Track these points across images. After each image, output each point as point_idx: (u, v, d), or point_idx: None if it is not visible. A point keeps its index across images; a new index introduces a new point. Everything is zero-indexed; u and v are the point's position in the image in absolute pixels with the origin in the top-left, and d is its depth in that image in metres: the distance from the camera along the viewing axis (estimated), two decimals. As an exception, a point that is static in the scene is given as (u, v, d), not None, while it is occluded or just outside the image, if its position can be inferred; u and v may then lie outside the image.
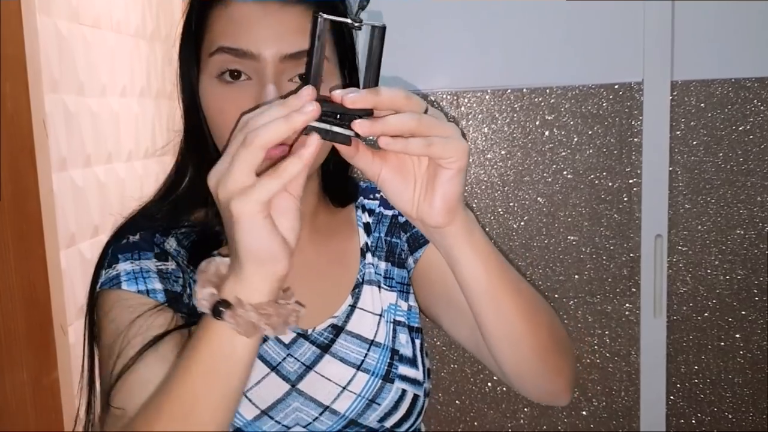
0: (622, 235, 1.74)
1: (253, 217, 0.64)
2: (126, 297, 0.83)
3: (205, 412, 0.71)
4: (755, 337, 1.74)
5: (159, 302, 0.83)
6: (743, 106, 1.68)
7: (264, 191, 0.63)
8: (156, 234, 0.90)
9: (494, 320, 0.79)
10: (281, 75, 0.81)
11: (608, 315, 1.76)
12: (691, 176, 1.72)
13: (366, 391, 0.90)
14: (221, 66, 0.82)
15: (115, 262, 0.86)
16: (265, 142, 0.63)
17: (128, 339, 0.79)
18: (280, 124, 0.63)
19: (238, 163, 0.63)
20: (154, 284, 0.85)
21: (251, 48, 0.81)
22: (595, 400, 1.79)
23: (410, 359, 0.95)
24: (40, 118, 1.61)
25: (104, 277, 0.85)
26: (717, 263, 1.73)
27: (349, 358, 0.91)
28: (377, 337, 0.94)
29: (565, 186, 1.74)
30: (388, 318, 0.96)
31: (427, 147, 0.66)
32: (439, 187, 0.70)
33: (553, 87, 1.72)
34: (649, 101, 1.69)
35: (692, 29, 1.67)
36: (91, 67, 1.91)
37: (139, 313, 0.81)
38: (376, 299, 0.96)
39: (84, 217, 1.79)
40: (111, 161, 1.96)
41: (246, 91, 0.81)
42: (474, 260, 0.75)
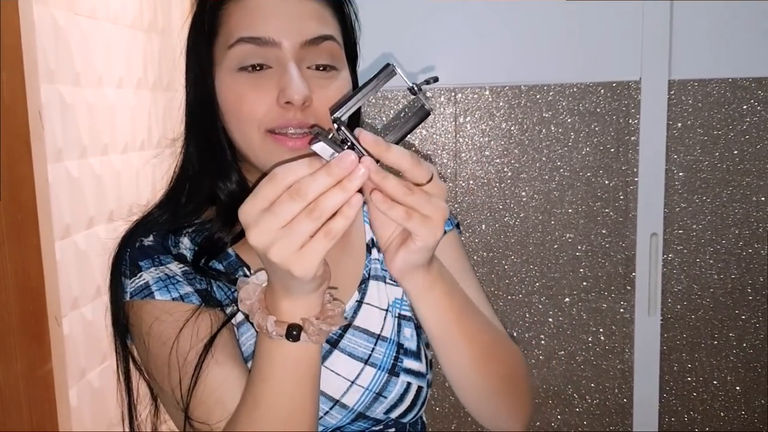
0: (618, 233, 1.75)
1: (316, 271, 0.67)
2: (163, 308, 0.84)
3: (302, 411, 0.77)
4: (749, 336, 1.75)
5: (196, 305, 0.84)
6: (740, 105, 1.69)
7: (318, 254, 0.65)
8: (169, 234, 0.90)
9: (447, 365, 0.86)
10: (301, 62, 0.84)
11: (603, 312, 1.77)
12: (687, 175, 1.72)
13: (373, 384, 0.92)
14: (242, 59, 0.84)
15: (138, 270, 0.86)
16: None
17: (183, 355, 0.81)
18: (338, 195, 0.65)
19: (296, 235, 0.65)
20: (185, 288, 0.85)
21: (272, 35, 0.83)
22: (588, 397, 1.79)
23: (414, 352, 0.96)
24: (35, 108, 1.60)
25: (132, 287, 0.85)
26: (712, 262, 1.74)
27: (357, 352, 0.93)
28: (384, 331, 0.95)
29: (561, 183, 1.75)
30: (393, 312, 0.97)
31: (405, 219, 0.69)
32: (403, 250, 0.74)
33: (551, 84, 1.72)
34: (647, 100, 1.70)
35: (690, 29, 1.68)
36: (88, 58, 1.90)
37: (182, 324, 0.82)
38: (383, 294, 0.98)
39: (79, 209, 1.78)
40: (107, 153, 1.95)
41: (268, 80, 0.83)
42: (428, 313, 0.81)
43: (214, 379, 0.80)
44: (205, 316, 0.83)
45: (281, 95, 0.82)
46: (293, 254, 0.65)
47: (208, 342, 0.81)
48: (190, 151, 0.94)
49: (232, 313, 0.86)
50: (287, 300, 0.72)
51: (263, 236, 0.66)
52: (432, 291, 0.79)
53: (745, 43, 1.67)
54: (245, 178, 0.93)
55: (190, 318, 0.83)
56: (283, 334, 0.72)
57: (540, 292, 1.78)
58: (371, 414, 0.92)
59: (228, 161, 0.91)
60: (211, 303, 0.86)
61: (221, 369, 0.80)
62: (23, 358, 1.44)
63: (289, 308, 0.72)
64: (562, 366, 1.79)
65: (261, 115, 0.83)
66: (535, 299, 1.78)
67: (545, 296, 1.77)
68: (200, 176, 0.93)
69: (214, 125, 0.89)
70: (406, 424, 0.96)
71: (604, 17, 1.69)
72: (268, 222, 0.65)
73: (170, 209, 0.93)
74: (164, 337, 0.82)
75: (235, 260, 0.92)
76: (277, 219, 0.65)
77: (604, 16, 1.69)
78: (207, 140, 0.91)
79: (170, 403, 0.84)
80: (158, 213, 0.93)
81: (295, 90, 0.81)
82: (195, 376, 0.80)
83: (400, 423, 0.94)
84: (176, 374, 0.80)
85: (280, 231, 0.65)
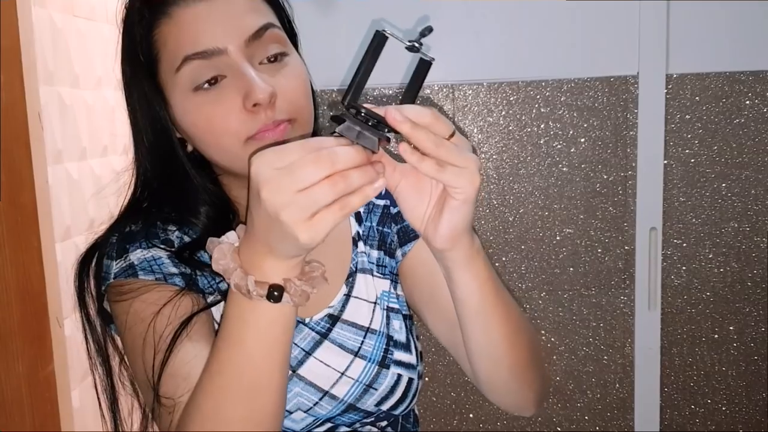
0: (617, 228, 1.75)
1: (316, 243, 0.65)
2: (145, 287, 0.83)
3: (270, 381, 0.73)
4: (749, 330, 1.75)
5: (179, 287, 0.83)
6: (738, 99, 1.69)
7: (329, 225, 0.64)
8: (157, 222, 0.90)
9: (481, 338, 0.83)
10: (252, 59, 0.82)
11: (603, 307, 1.77)
12: (685, 169, 1.72)
13: (363, 376, 0.92)
14: (194, 77, 0.82)
15: (124, 252, 0.86)
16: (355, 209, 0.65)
17: (159, 332, 0.79)
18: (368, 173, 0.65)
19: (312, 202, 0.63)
20: (170, 269, 0.85)
21: (216, 44, 0.81)
22: (589, 392, 1.80)
23: (404, 344, 0.96)
24: (35, 110, 1.61)
25: (116, 268, 0.85)
26: (711, 256, 1.74)
27: (347, 344, 0.93)
28: (372, 324, 0.95)
29: (560, 179, 1.75)
30: (382, 305, 0.97)
31: (438, 171, 0.68)
32: (446, 213, 0.72)
33: (548, 80, 1.72)
34: (645, 94, 1.70)
35: (687, 23, 1.67)
36: (87, 59, 1.90)
37: (163, 303, 0.81)
38: (370, 287, 0.98)
39: (79, 210, 1.79)
40: (106, 154, 1.96)
41: (227, 90, 0.81)
42: (470, 284, 0.78)
43: (185, 354, 0.78)
44: (186, 299, 0.82)
45: (246, 100, 0.80)
46: (304, 221, 0.63)
47: (185, 320, 0.80)
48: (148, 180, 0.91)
49: (215, 300, 0.86)
50: (270, 260, 0.69)
51: (277, 195, 0.63)
52: (476, 261, 0.77)
53: (742, 36, 1.67)
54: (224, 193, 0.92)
55: (173, 298, 0.81)
56: (264, 294, 0.69)
57: (539, 288, 1.78)
58: (362, 406, 0.92)
59: (195, 194, 0.89)
60: (194, 289, 0.85)
61: (194, 346, 0.79)
62: (25, 360, 1.44)
63: (271, 268, 0.69)
64: (562, 361, 1.79)
65: (235, 127, 0.81)
66: (535, 294, 1.78)
67: (545, 291, 1.78)
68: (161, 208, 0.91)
69: (174, 155, 0.87)
70: (398, 416, 0.96)
71: (601, 12, 1.69)
72: (286, 182, 0.63)
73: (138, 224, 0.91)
74: (143, 315, 0.81)
75: None
76: (295, 180, 0.63)
77: (601, 12, 1.69)
78: (169, 173, 0.89)
79: (143, 384, 0.82)
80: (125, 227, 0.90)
81: (260, 89, 0.79)
82: (168, 351, 0.78)
83: (391, 415, 0.94)
84: (151, 351, 0.79)
85: (297, 194, 0.63)
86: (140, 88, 0.86)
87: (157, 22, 0.83)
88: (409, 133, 0.66)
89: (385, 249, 1.01)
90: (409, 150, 0.67)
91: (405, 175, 0.74)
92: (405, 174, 0.74)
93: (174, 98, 0.85)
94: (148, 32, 0.84)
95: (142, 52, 0.85)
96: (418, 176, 0.73)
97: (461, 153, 0.68)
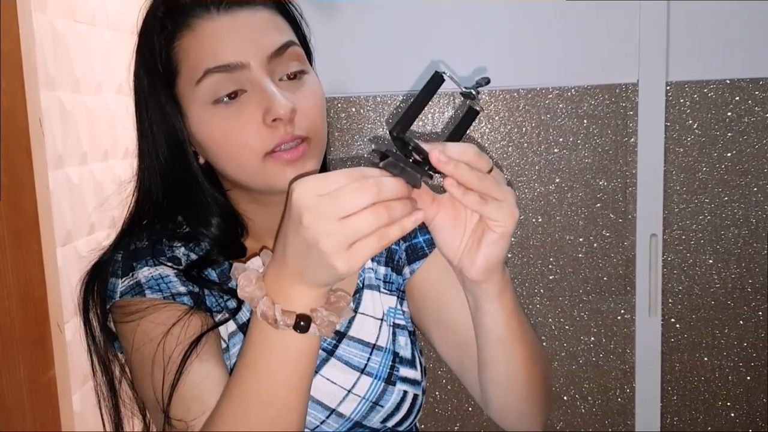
0: (618, 235, 1.75)
1: (353, 273, 0.65)
2: (153, 306, 0.82)
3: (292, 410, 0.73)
4: (749, 336, 1.76)
5: (188, 306, 0.83)
6: (737, 106, 1.70)
7: (366, 255, 0.64)
8: (163, 239, 0.89)
9: (502, 367, 0.84)
10: (273, 75, 0.83)
11: (604, 314, 1.78)
12: (685, 176, 1.73)
13: (370, 393, 0.91)
14: (215, 91, 0.82)
15: (131, 270, 0.85)
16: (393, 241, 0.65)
17: (168, 352, 0.79)
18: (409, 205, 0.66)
19: (354, 230, 0.63)
20: (177, 288, 0.84)
21: (239, 58, 0.81)
22: (590, 397, 1.80)
23: (409, 360, 0.96)
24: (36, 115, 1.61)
25: (123, 287, 0.84)
26: (711, 262, 1.75)
27: (353, 361, 0.92)
28: (379, 340, 0.95)
29: (561, 186, 1.75)
30: (388, 321, 0.97)
31: (481, 205, 0.69)
32: (484, 246, 0.73)
33: (549, 88, 1.73)
34: (644, 102, 1.71)
35: (687, 31, 1.69)
36: (87, 64, 1.90)
37: (172, 323, 0.80)
38: (377, 303, 0.97)
39: (80, 215, 1.79)
40: (107, 158, 1.95)
41: (247, 105, 0.82)
42: (499, 314, 0.78)
43: (195, 376, 0.78)
44: (195, 318, 0.82)
45: (267, 114, 0.80)
46: (343, 250, 0.63)
47: (195, 340, 0.79)
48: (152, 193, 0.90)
49: (223, 319, 0.85)
50: (299, 288, 0.69)
51: (319, 223, 0.63)
52: (506, 292, 0.78)
53: (741, 44, 1.68)
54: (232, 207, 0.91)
55: (182, 317, 0.81)
56: (292, 324, 0.69)
57: (541, 294, 1.78)
58: (368, 423, 0.91)
59: (207, 205, 0.89)
60: (202, 307, 0.85)
61: (204, 366, 0.79)
62: (26, 365, 1.44)
63: (299, 297, 0.69)
64: (563, 367, 1.80)
65: (255, 142, 0.81)
66: (537, 301, 1.78)
67: (546, 298, 1.78)
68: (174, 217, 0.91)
69: (189, 168, 0.87)
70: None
71: (601, 20, 1.70)
72: (328, 208, 0.63)
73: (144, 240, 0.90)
74: (152, 335, 0.80)
75: (228, 268, 0.91)
76: (338, 207, 0.62)
77: (602, 20, 1.70)
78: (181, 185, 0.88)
79: (152, 405, 0.82)
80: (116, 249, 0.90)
81: (281, 105, 0.80)
82: (178, 373, 0.78)
83: (395, 431, 0.94)
84: (160, 372, 0.78)
85: (339, 222, 0.62)
86: (157, 98, 0.86)
87: (179, 34, 0.84)
88: (453, 173, 0.66)
89: (393, 265, 1.00)
90: (454, 184, 0.67)
91: (442, 206, 0.74)
92: (442, 206, 0.74)
93: (191, 110, 0.84)
94: (168, 43, 0.84)
95: (161, 62, 0.85)
96: (455, 208, 0.74)
97: (501, 187, 0.69)
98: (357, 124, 1.75)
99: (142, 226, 0.92)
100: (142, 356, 0.81)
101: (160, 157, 0.88)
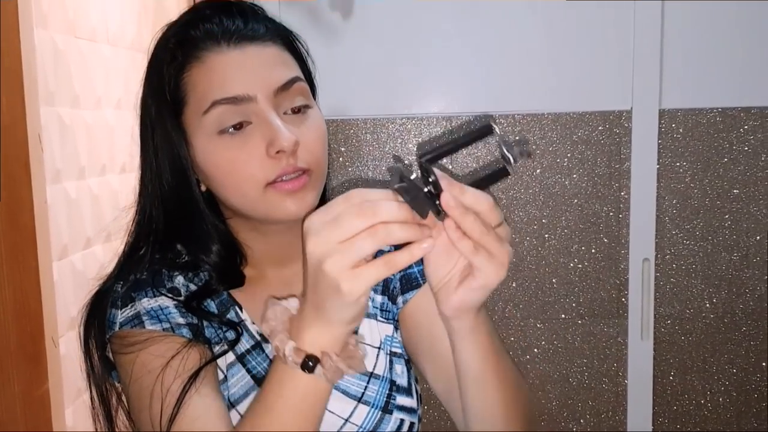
0: (611, 259, 1.77)
1: (361, 296, 0.67)
2: (152, 337, 0.83)
3: None
4: (739, 360, 1.78)
5: (186, 339, 0.84)
6: (728, 134, 1.73)
7: (371, 278, 0.66)
8: (162, 270, 0.90)
9: (478, 404, 0.84)
10: (278, 109, 0.85)
11: (596, 336, 1.79)
12: (678, 202, 1.76)
13: (367, 423, 0.92)
14: (221, 121, 0.84)
15: (130, 301, 0.86)
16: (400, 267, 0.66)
17: (166, 385, 0.80)
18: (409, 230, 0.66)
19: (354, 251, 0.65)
20: (177, 320, 0.85)
21: (246, 91, 0.83)
22: (582, 420, 1.81)
23: (406, 389, 0.97)
24: (35, 131, 1.61)
25: (122, 317, 0.85)
26: (703, 287, 1.77)
27: (350, 390, 0.93)
28: (376, 369, 0.95)
29: (555, 209, 1.77)
30: (385, 350, 0.98)
31: (472, 254, 0.69)
32: (463, 288, 0.73)
33: (545, 113, 1.76)
34: (638, 129, 1.74)
35: (680, 60, 1.72)
36: (87, 80, 1.91)
37: (171, 355, 0.81)
38: (375, 332, 0.98)
39: (77, 229, 1.79)
40: (105, 173, 1.96)
41: (252, 136, 0.84)
42: (472, 352, 0.79)
43: (195, 410, 0.79)
44: (194, 351, 0.83)
45: (270, 147, 0.83)
46: (347, 270, 0.65)
47: (194, 374, 0.80)
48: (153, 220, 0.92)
49: (221, 351, 0.86)
50: (315, 328, 0.71)
51: (322, 246, 0.65)
52: (479, 331, 0.78)
53: (733, 74, 1.72)
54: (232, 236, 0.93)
55: (181, 350, 0.82)
56: (300, 362, 0.71)
57: (534, 316, 1.80)
58: None
59: (207, 232, 0.90)
60: (201, 339, 0.85)
61: (202, 400, 0.80)
62: (20, 379, 1.43)
63: (314, 337, 0.71)
64: (556, 389, 1.81)
65: (257, 172, 0.83)
66: (530, 323, 1.80)
67: (539, 320, 1.79)
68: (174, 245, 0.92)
69: (191, 195, 0.88)
70: None
71: (596, 49, 1.73)
72: (330, 232, 0.65)
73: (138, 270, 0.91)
74: (150, 366, 0.81)
75: (227, 299, 0.93)
76: (339, 231, 0.65)
77: (597, 48, 1.73)
78: (183, 211, 0.90)
79: None
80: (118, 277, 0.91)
81: (285, 138, 0.82)
82: (177, 406, 0.78)
83: None
84: (158, 404, 0.79)
85: (340, 244, 0.65)
86: (164, 126, 0.87)
87: (189, 65, 0.86)
88: (459, 220, 0.68)
89: (389, 294, 1.01)
90: (453, 227, 0.68)
91: (440, 234, 0.74)
92: (441, 235, 0.75)
93: (196, 139, 0.86)
94: (178, 73, 0.86)
95: (170, 92, 0.87)
96: (450, 243, 0.74)
97: (500, 244, 0.70)
98: (355, 146, 1.77)
99: (141, 255, 0.92)
100: (140, 388, 0.82)
101: (164, 183, 0.89)
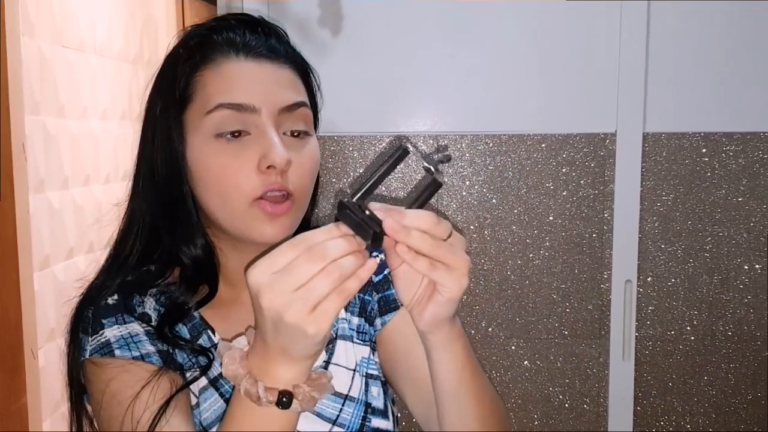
0: (593, 279, 1.79)
1: (324, 333, 0.67)
2: (122, 366, 0.83)
3: None
4: (719, 382, 1.79)
5: (157, 367, 0.83)
6: (711, 159, 1.76)
7: (331, 313, 0.66)
8: (133, 294, 0.90)
9: (454, 419, 0.85)
10: (278, 128, 0.86)
11: (578, 356, 1.80)
12: (660, 224, 1.78)
13: None
14: (221, 125, 0.84)
15: (100, 328, 0.86)
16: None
17: (136, 417, 0.79)
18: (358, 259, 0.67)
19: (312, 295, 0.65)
20: (146, 347, 0.85)
21: (252, 102, 0.84)
22: (563, 440, 1.81)
23: (382, 411, 0.97)
24: (19, 140, 1.59)
25: (93, 345, 0.85)
26: (684, 309, 1.79)
27: (325, 413, 0.93)
28: (351, 391, 0.96)
29: (539, 229, 1.79)
30: (361, 372, 0.98)
31: (430, 270, 0.70)
32: (431, 304, 0.75)
33: (530, 134, 1.77)
34: (622, 151, 1.76)
35: (664, 84, 1.75)
36: (73, 90, 1.90)
37: (141, 385, 0.81)
38: (350, 354, 0.98)
39: (59, 239, 1.77)
40: (89, 183, 1.94)
41: (247, 147, 0.84)
42: (448, 365, 0.80)
43: None
44: (165, 380, 0.83)
45: (263, 160, 0.83)
46: (308, 314, 0.65)
47: (164, 404, 0.80)
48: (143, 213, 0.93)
49: (192, 378, 0.86)
50: (282, 365, 0.71)
51: (278, 298, 0.66)
52: (455, 344, 0.79)
53: (716, 98, 1.75)
54: (211, 241, 0.93)
55: (151, 380, 0.82)
56: (274, 400, 0.71)
57: (517, 336, 1.80)
58: None
59: (194, 226, 0.91)
60: (172, 366, 0.85)
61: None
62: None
63: (282, 374, 0.71)
64: (537, 409, 1.81)
65: (245, 186, 0.84)
66: (513, 342, 1.80)
67: (522, 339, 1.80)
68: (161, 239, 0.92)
69: (181, 189, 0.89)
70: None
71: (581, 72, 1.75)
72: (284, 283, 0.65)
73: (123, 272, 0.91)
74: (120, 396, 0.81)
75: (200, 322, 0.92)
76: (293, 280, 0.65)
77: (582, 71, 1.75)
78: (172, 204, 0.90)
79: None
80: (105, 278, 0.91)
81: (278, 154, 0.83)
82: None
83: None
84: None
85: (296, 292, 0.65)
86: (166, 120, 0.88)
87: (204, 66, 0.87)
88: (405, 241, 0.69)
89: (365, 316, 1.02)
90: (405, 249, 0.69)
91: None
92: None
93: (194, 138, 0.87)
94: (191, 72, 0.88)
95: (179, 87, 0.88)
96: None
97: (455, 254, 0.71)
98: (341, 163, 1.77)
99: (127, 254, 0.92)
100: (110, 417, 0.82)
101: (157, 176, 0.90)
